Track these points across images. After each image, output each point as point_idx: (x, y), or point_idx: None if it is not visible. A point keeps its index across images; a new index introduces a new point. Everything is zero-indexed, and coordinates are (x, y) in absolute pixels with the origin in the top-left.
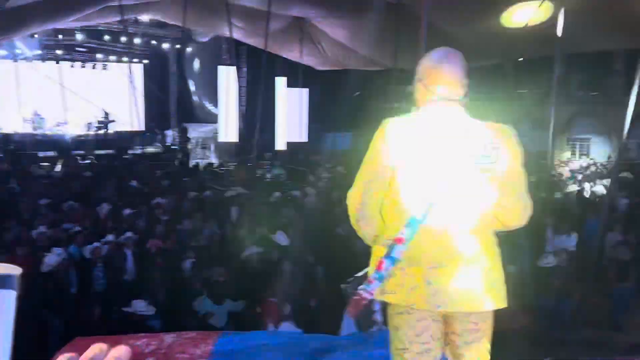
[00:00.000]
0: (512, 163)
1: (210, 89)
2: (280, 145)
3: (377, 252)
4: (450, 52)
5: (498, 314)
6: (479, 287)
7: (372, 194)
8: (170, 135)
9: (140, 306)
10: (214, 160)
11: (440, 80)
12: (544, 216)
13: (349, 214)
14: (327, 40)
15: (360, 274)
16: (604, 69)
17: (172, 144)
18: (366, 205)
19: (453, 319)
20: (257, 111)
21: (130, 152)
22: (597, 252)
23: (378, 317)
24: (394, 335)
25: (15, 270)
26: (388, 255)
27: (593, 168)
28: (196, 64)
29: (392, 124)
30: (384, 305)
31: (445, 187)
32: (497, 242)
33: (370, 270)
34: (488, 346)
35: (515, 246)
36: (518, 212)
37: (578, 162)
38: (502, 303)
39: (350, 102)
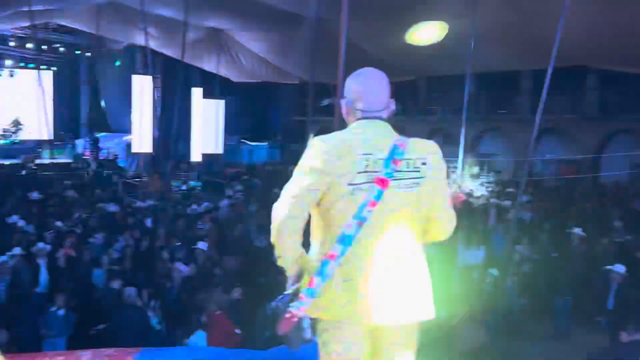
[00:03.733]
0: (438, 177)
1: (124, 99)
2: (195, 156)
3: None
4: (375, 72)
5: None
6: (410, 300)
7: (301, 208)
8: (81, 144)
9: None
10: (127, 171)
11: (367, 99)
12: (455, 231)
13: (273, 226)
14: (244, 52)
15: (290, 290)
16: (512, 88)
17: (82, 154)
18: (294, 218)
19: (382, 334)
20: (173, 122)
21: (37, 161)
22: (504, 265)
23: (308, 334)
24: (322, 351)
25: None
26: (320, 272)
27: (500, 183)
28: (109, 73)
29: (323, 141)
30: (314, 322)
31: (376, 203)
32: (424, 255)
33: (301, 286)
34: None
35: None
36: (446, 224)
37: (486, 178)
38: (431, 314)
39: (267, 114)
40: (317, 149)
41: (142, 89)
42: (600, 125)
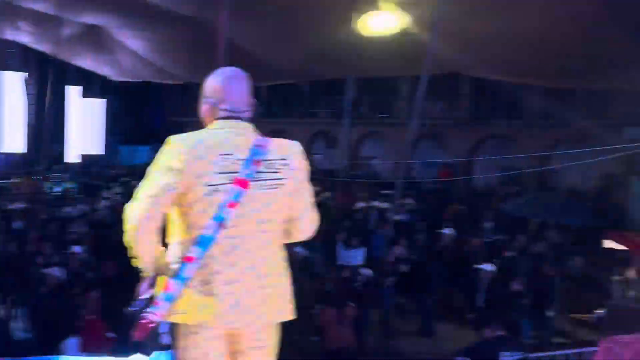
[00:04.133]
0: (300, 178)
1: None
2: (72, 157)
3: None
4: (236, 71)
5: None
6: (269, 302)
7: (158, 208)
8: None
9: None
10: None
11: (228, 99)
12: (335, 231)
13: (128, 227)
14: (124, 50)
15: (146, 295)
16: (392, 92)
17: None
18: (150, 219)
19: (241, 337)
20: (48, 121)
21: None
22: (382, 265)
23: (166, 339)
24: (180, 356)
25: None
26: (177, 275)
27: (381, 186)
28: None
29: (181, 140)
30: (172, 327)
31: (236, 204)
32: (286, 256)
33: (158, 291)
34: None
35: (307, 261)
36: (307, 225)
37: (368, 180)
38: (290, 315)
39: (149, 115)
40: (174, 148)
41: (13, 86)
42: (473, 130)
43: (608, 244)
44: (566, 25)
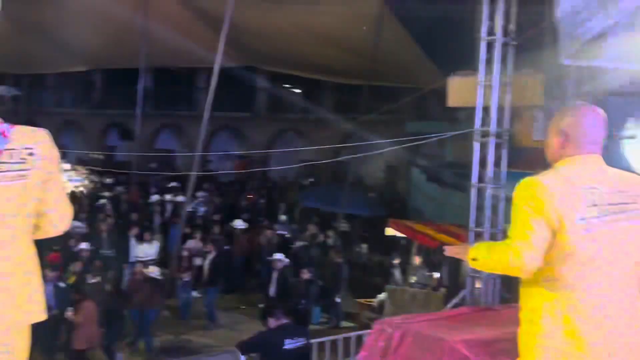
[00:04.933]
0: (49, 168)
1: None
2: None
3: None
4: None
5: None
6: (15, 303)
7: None
8: None
9: None
10: None
11: None
12: (128, 226)
13: None
14: None
15: None
16: (189, 84)
17: None
18: None
19: None
20: None
21: None
22: (177, 259)
23: None
24: None
25: None
26: None
27: (176, 179)
28: None
29: None
30: None
31: None
32: (35, 252)
33: None
34: None
35: (99, 257)
36: (58, 219)
37: (163, 173)
38: (40, 316)
39: None
40: None
41: None
42: (269, 122)
43: (390, 231)
44: (356, 24)
